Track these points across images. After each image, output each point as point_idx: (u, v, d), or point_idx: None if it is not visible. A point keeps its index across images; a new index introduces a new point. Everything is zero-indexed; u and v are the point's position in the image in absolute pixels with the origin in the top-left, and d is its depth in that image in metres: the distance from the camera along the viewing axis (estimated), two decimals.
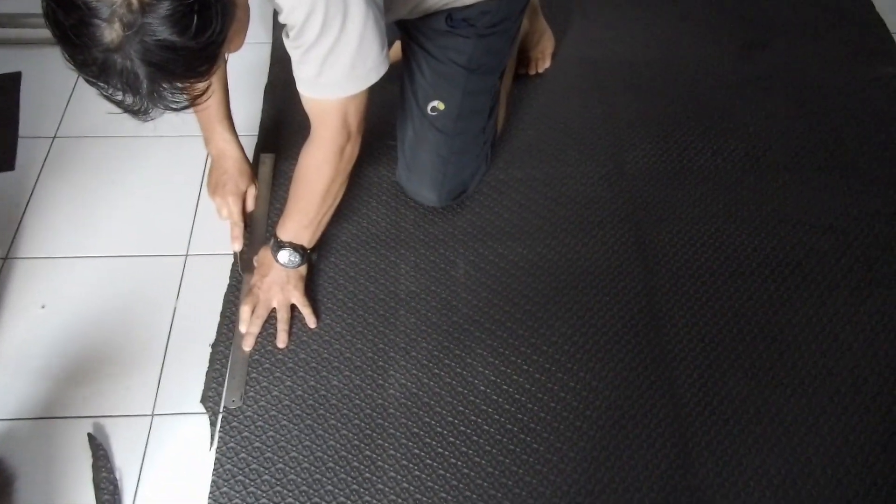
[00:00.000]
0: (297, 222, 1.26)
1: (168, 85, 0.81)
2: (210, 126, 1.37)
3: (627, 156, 1.59)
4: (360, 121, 1.17)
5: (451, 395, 1.24)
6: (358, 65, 1.05)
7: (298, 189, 1.25)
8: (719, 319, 1.34)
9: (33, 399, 1.21)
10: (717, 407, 1.24)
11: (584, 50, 1.79)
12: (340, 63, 1.04)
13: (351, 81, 1.08)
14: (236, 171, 1.40)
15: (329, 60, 1.03)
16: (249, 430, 1.19)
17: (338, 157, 1.18)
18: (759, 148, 1.61)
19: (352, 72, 1.06)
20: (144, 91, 0.80)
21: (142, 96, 0.80)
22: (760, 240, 1.45)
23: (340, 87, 1.08)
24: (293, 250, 1.26)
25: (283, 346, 1.28)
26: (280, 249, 1.26)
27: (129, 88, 0.79)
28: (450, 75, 1.33)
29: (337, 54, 1.03)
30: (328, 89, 1.09)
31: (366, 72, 1.07)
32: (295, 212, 1.26)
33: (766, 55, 1.80)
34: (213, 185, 1.42)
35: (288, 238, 1.26)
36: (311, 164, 1.21)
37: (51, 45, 1.77)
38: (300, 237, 1.27)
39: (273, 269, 1.28)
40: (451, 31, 1.29)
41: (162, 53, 0.77)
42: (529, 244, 1.43)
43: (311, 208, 1.25)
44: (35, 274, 1.35)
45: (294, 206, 1.26)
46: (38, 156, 1.52)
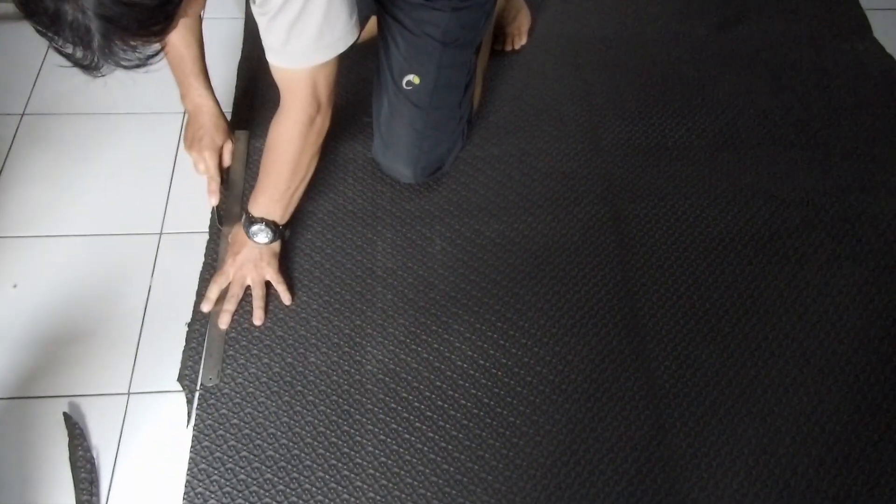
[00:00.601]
0: (269, 196, 1.24)
1: (120, 41, 0.78)
2: (186, 81, 1.36)
3: (603, 132, 1.59)
4: (329, 91, 1.16)
5: (427, 370, 1.25)
6: (326, 33, 1.04)
7: (268, 161, 1.23)
8: (693, 293, 1.36)
9: (7, 379, 1.20)
10: (691, 379, 1.26)
11: (561, 26, 1.79)
12: (308, 31, 1.03)
13: (319, 50, 1.07)
14: (212, 125, 1.40)
15: (296, 28, 1.02)
16: (227, 407, 1.19)
17: (307, 127, 1.17)
18: (733, 124, 1.62)
19: (319, 40, 1.05)
20: (95, 46, 0.77)
21: (92, 51, 0.77)
22: (734, 214, 1.47)
23: (308, 56, 1.07)
24: (265, 226, 1.25)
25: (259, 322, 1.27)
26: (252, 225, 1.25)
27: (80, 42, 0.76)
28: (424, 48, 1.32)
29: (304, 22, 1.01)
30: (296, 58, 1.08)
31: (334, 40, 1.06)
32: (266, 185, 1.24)
33: (740, 32, 1.81)
34: (190, 140, 1.41)
35: (260, 213, 1.25)
36: (281, 136, 1.20)
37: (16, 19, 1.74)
38: (272, 212, 1.25)
39: (246, 247, 1.27)
40: (425, 3, 1.28)
41: (116, 8, 0.75)
42: (506, 220, 1.44)
43: (282, 181, 1.23)
44: (6, 253, 1.34)
45: (265, 180, 1.25)
46: (7, 133, 1.50)
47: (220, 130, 1.42)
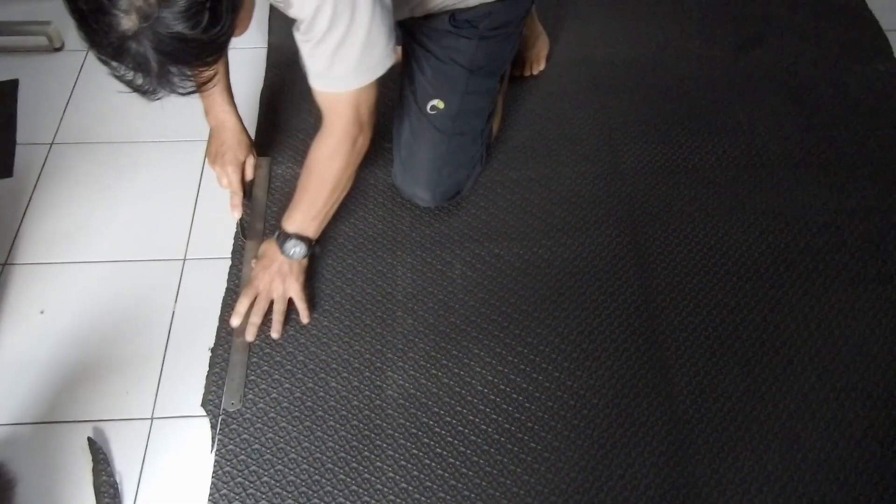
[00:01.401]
0: (305, 213, 1.27)
1: (177, 70, 0.85)
2: (210, 97, 1.38)
3: (622, 155, 1.60)
4: (371, 112, 1.20)
5: (448, 395, 1.25)
6: (366, 57, 1.08)
7: (308, 180, 1.26)
8: (715, 317, 1.35)
9: (34, 404, 1.22)
10: (714, 403, 1.25)
11: (578, 50, 1.80)
12: (350, 56, 1.07)
13: (360, 73, 1.11)
14: (235, 141, 1.42)
15: (339, 54, 1.06)
16: (248, 432, 1.20)
17: (350, 148, 1.21)
18: (753, 146, 1.62)
19: (360, 64, 1.09)
20: (154, 75, 0.84)
21: (151, 79, 0.84)
22: (755, 237, 1.46)
23: (350, 79, 1.11)
24: (299, 241, 1.27)
25: (277, 336, 1.29)
26: (286, 241, 1.27)
27: (141, 71, 0.83)
28: (451, 75, 1.34)
29: (346, 47, 1.06)
30: (339, 82, 1.12)
31: (374, 64, 1.10)
32: (303, 203, 1.27)
33: (759, 53, 1.81)
34: (213, 155, 1.43)
35: (294, 229, 1.27)
36: (323, 156, 1.23)
37: (48, 52, 1.79)
38: (306, 229, 1.28)
39: (276, 261, 1.29)
40: (453, 31, 1.31)
41: (174, 44, 0.82)
42: (525, 244, 1.44)
43: (320, 200, 1.26)
44: (34, 280, 1.36)
45: (302, 198, 1.27)
46: (36, 162, 1.53)
47: (243, 146, 1.43)
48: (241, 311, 1.28)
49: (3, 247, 1.39)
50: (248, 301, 1.29)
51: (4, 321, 1.31)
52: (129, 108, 1.64)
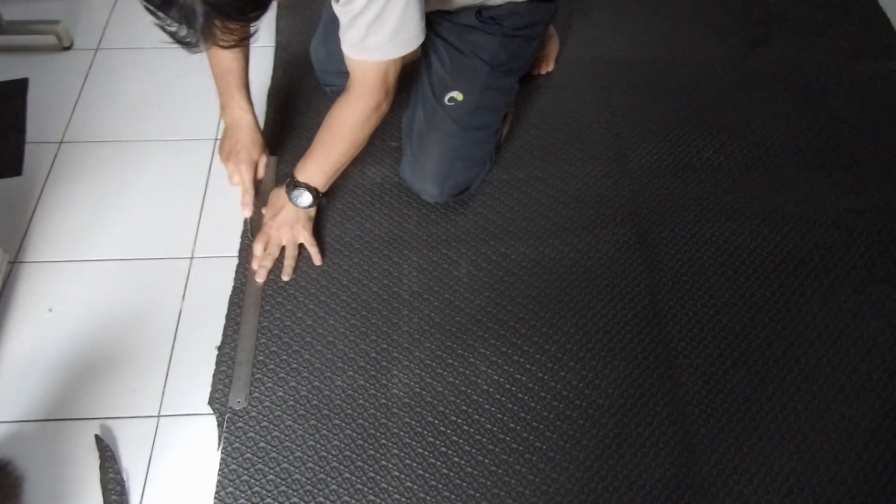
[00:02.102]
0: (317, 165, 1.33)
1: (220, 23, 0.89)
2: (228, 93, 1.40)
3: (630, 154, 1.59)
4: (396, 81, 1.27)
5: (454, 394, 1.25)
6: (401, 32, 1.15)
7: (326, 135, 1.32)
8: (722, 317, 1.34)
9: (41, 401, 1.22)
10: (721, 404, 1.24)
11: (587, 50, 1.79)
12: (385, 29, 1.13)
13: (393, 46, 1.17)
14: (249, 139, 1.42)
15: (374, 26, 1.13)
16: (254, 430, 1.20)
17: (372, 111, 1.27)
18: (761, 145, 1.61)
19: (395, 38, 1.15)
20: (198, 26, 0.87)
21: (195, 31, 0.88)
22: (763, 237, 1.45)
23: (383, 50, 1.18)
24: (307, 191, 1.33)
25: (287, 279, 1.36)
26: (295, 189, 1.33)
27: (186, 22, 0.87)
28: (472, 67, 1.37)
29: (382, 21, 1.12)
30: (371, 52, 1.18)
31: (408, 38, 1.17)
32: (317, 155, 1.33)
33: (767, 52, 1.80)
34: (227, 153, 1.42)
35: (304, 179, 1.33)
36: (345, 114, 1.29)
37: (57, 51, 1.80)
38: (316, 180, 1.33)
39: (284, 209, 1.36)
40: (478, 27, 1.36)
41: None
42: (532, 243, 1.44)
43: (334, 154, 1.32)
44: (42, 277, 1.37)
45: (318, 150, 1.33)
46: (45, 161, 1.54)
47: (257, 144, 1.44)
48: (258, 254, 1.36)
49: (13, 244, 1.40)
50: (262, 246, 1.36)
51: (13, 319, 1.32)
52: (138, 107, 1.65)
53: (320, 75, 1.61)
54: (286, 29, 1.81)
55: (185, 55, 0.97)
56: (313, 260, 1.38)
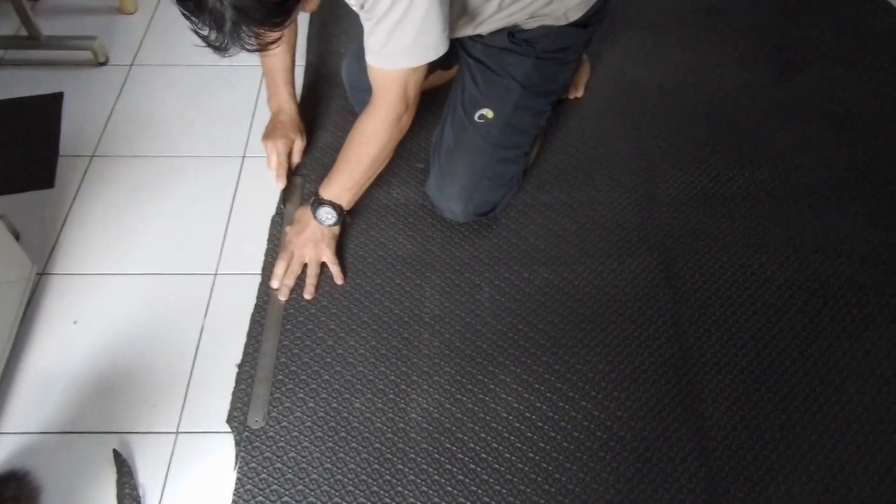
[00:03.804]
0: (342, 183, 1.35)
1: (247, 28, 0.96)
2: (275, 87, 1.52)
3: (658, 182, 1.57)
4: (416, 94, 1.28)
5: (472, 420, 1.23)
6: (421, 40, 1.16)
7: (350, 152, 1.34)
8: (749, 350, 1.31)
9: (62, 413, 1.23)
10: (746, 442, 1.21)
11: (617, 76, 1.79)
12: (405, 36, 1.15)
13: (413, 54, 1.18)
14: (290, 122, 1.52)
15: (395, 32, 1.14)
16: (271, 450, 1.20)
17: (394, 124, 1.28)
18: (793, 176, 1.58)
19: (415, 45, 1.16)
20: (227, 30, 0.94)
21: (224, 34, 0.94)
22: (794, 270, 1.42)
23: (403, 57, 1.19)
24: (332, 209, 1.35)
25: (309, 297, 1.36)
26: (320, 207, 1.35)
27: (215, 26, 0.94)
28: (504, 87, 1.38)
29: (403, 28, 1.13)
30: (392, 59, 1.20)
31: (427, 47, 1.18)
32: (341, 173, 1.35)
33: (800, 80, 1.77)
34: (268, 133, 1.52)
35: (329, 197, 1.35)
36: (368, 129, 1.30)
37: (92, 66, 1.84)
38: (341, 198, 1.35)
39: (309, 227, 1.37)
40: (511, 48, 1.36)
41: (248, 1, 0.92)
42: (555, 269, 1.42)
43: (358, 171, 1.34)
44: (69, 290, 1.38)
45: (341, 167, 1.35)
46: (77, 174, 1.56)
47: (296, 128, 1.53)
48: (279, 274, 1.37)
49: (42, 256, 1.42)
50: (285, 264, 1.37)
51: (39, 330, 1.33)
52: (168, 123, 1.67)
53: (350, 93, 1.62)
54: (316, 49, 1.83)
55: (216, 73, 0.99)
56: (335, 279, 1.38)
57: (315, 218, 1.36)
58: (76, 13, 1.94)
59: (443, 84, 1.58)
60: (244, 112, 1.69)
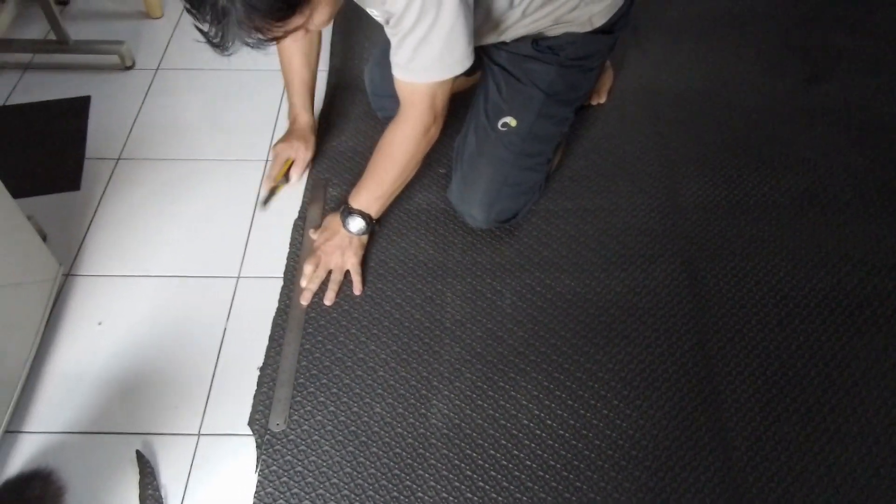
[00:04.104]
0: (371, 193, 1.36)
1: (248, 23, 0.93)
2: (291, 98, 1.55)
3: (681, 188, 1.56)
4: (444, 105, 1.28)
5: (493, 427, 1.23)
6: (447, 54, 1.16)
7: (379, 162, 1.34)
8: (773, 361, 1.30)
9: (86, 413, 1.24)
10: (771, 452, 1.20)
11: (640, 82, 1.78)
12: (432, 50, 1.15)
13: (440, 68, 1.19)
14: (299, 134, 1.55)
15: (421, 47, 1.15)
16: (292, 454, 1.20)
17: (423, 135, 1.29)
18: (819, 183, 1.56)
19: (441, 59, 1.17)
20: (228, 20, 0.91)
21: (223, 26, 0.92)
22: (819, 279, 1.40)
23: (429, 72, 1.19)
24: (361, 218, 1.36)
25: (329, 303, 1.37)
26: (349, 216, 1.37)
27: (216, 17, 0.92)
28: (528, 94, 1.38)
29: (429, 42, 1.14)
30: (418, 73, 1.20)
31: (453, 62, 1.18)
32: (370, 183, 1.36)
33: (826, 87, 1.75)
34: (278, 141, 1.55)
35: (358, 206, 1.36)
36: (396, 140, 1.31)
37: (119, 70, 1.86)
38: (370, 207, 1.37)
39: (338, 234, 1.39)
40: (535, 56, 1.36)
41: None
42: (577, 276, 1.41)
43: (386, 180, 1.35)
44: (94, 291, 1.40)
45: (372, 178, 1.36)
46: (103, 176, 1.58)
47: (303, 140, 1.54)
48: (308, 274, 1.38)
49: (68, 258, 1.44)
50: (312, 268, 1.38)
51: (64, 330, 1.34)
52: (193, 127, 1.69)
53: (373, 99, 1.62)
54: (340, 54, 1.84)
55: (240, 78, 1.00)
56: (354, 289, 1.39)
57: (344, 226, 1.37)
58: (104, 18, 1.97)
59: (466, 89, 1.58)
60: (267, 116, 1.71)
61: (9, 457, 1.19)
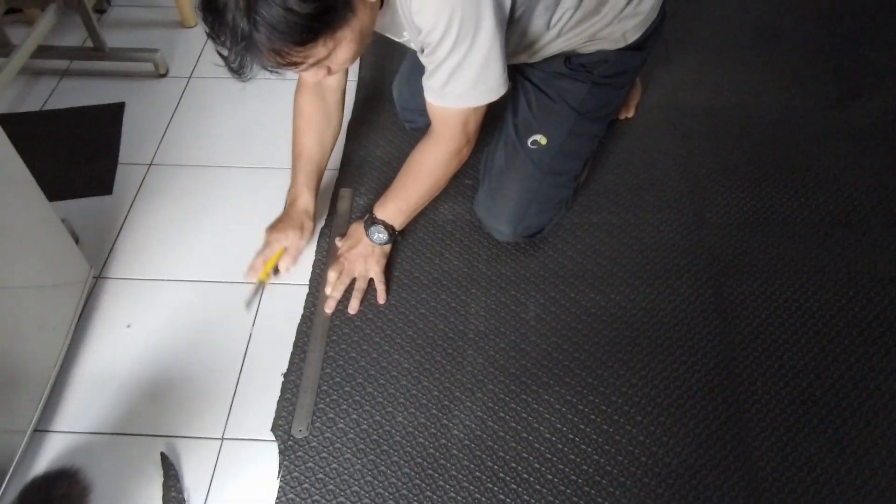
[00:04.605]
0: (397, 206, 1.36)
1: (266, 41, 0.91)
2: (296, 175, 1.43)
3: (708, 204, 1.55)
4: (477, 129, 1.29)
5: (515, 440, 1.22)
6: (481, 82, 1.16)
7: (407, 178, 1.35)
8: (801, 380, 1.28)
9: (112, 414, 1.26)
10: (796, 474, 1.18)
11: (668, 97, 1.77)
12: (466, 78, 1.15)
13: (473, 95, 1.19)
14: (297, 220, 1.40)
15: (456, 74, 1.15)
16: (314, 460, 1.20)
17: (454, 157, 1.30)
18: (849, 202, 1.54)
19: (475, 87, 1.17)
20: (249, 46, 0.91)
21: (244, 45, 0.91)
22: (848, 299, 1.39)
23: (463, 98, 1.20)
24: (385, 229, 1.37)
25: (353, 312, 1.38)
26: (373, 225, 1.37)
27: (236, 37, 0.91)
28: (559, 112, 1.37)
29: (463, 70, 1.14)
30: (452, 99, 1.20)
31: (487, 89, 1.18)
32: (397, 196, 1.36)
33: (859, 105, 1.74)
34: (273, 224, 1.42)
35: (383, 217, 1.37)
36: (427, 160, 1.32)
37: (153, 78, 1.89)
38: (395, 219, 1.37)
39: (361, 243, 1.40)
40: (567, 73, 1.36)
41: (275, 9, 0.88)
42: (603, 290, 1.41)
43: (413, 196, 1.36)
44: (123, 294, 1.42)
45: (399, 192, 1.36)
46: (135, 181, 1.61)
47: (299, 225, 1.40)
48: (332, 282, 1.39)
49: (99, 261, 1.46)
50: (336, 275, 1.39)
51: (93, 332, 1.37)
52: (223, 135, 1.71)
53: (401, 112, 1.64)
54: (369, 64, 1.86)
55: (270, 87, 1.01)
56: (378, 297, 1.39)
57: (367, 235, 1.38)
58: (139, 26, 2.01)
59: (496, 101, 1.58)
60: None
61: (37, 455, 1.21)
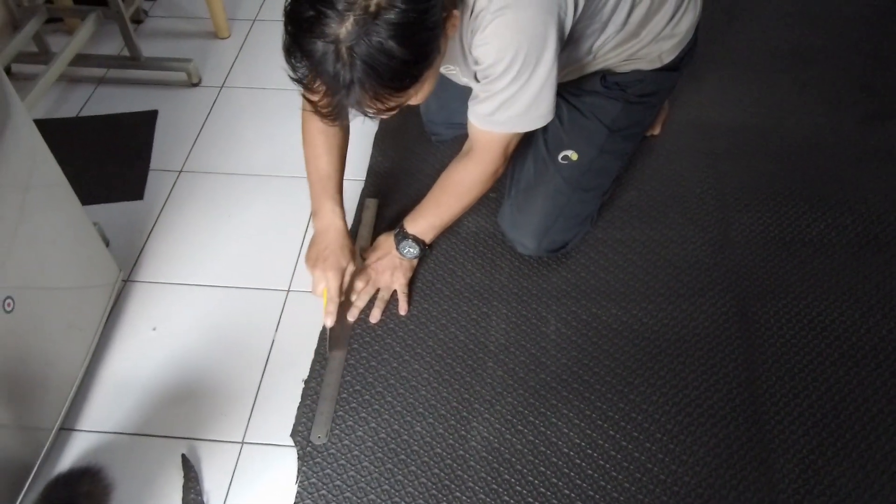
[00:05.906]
0: (429, 222, 1.36)
1: (369, 88, 0.90)
2: (322, 198, 1.34)
3: (734, 222, 1.54)
4: (515, 149, 1.29)
5: (533, 454, 1.22)
6: (532, 110, 1.16)
7: (442, 194, 1.35)
8: (825, 402, 1.26)
9: (136, 415, 1.28)
10: (818, 498, 1.16)
11: (696, 113, 1.77)
12: (518, 106, 1.15)
13: (521, 123, 1.19)
14: (338, 245, 1.32)
15: (507, 103, 1.15)
16: (332, 467, 1.21)
17: (491, 177, 1.30)
18: (878, 223, 1.52)
19: (525, 115, 1.17)
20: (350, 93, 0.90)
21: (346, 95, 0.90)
22: (875, 321, 1.36)
23: (510, 125, 1.20)
24: (415, 243, 1.37)
25: (375, 321, 1.38)
26: (404, 239, 1.37)
27: (336, 85, 0.89)
28: (591, 129, 1.38)
29: (517, 99, 1.14)
30: (497, 125, 1.20)
31: (537, 116, 1.18)
32: (430, 212, 1.36)
33: (889, 125, 1.72)
34: (314, 258, 1.32)
35: (414, 232, 1.36)
36: (464, 180, 1.31)
37: (186, 87, 1.93)
38: (426, 234, 1.37)
39: (389, 255, 1.40)
40: (602, 92, 1.36)
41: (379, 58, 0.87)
42: (625, 306, 1.40)
43: (446, 213, 1.36)
44: (150, 297, 1.45)
45: (432, 208, 1.36)
46: (165, 187, 1.64)
47: (346, 251, 1.33)
48: (357, 290, 1.40)
49: (128, 264, 1.49)
50: (362, 284, 1.40)
51: (120, 333, 1.39)
52: (253, 143, 1.74)
53: (428, 125, 1.65)
54: None
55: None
56: (400, 309, 1.40)
57: (398, 248, 1.38)
58: (174, 37, 2.05)
59: None
60: None
61: (62, 452, 1.23)
